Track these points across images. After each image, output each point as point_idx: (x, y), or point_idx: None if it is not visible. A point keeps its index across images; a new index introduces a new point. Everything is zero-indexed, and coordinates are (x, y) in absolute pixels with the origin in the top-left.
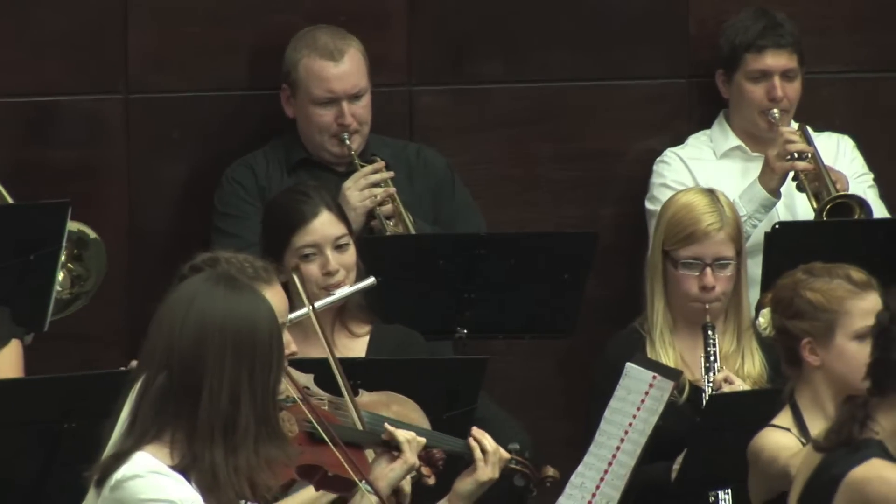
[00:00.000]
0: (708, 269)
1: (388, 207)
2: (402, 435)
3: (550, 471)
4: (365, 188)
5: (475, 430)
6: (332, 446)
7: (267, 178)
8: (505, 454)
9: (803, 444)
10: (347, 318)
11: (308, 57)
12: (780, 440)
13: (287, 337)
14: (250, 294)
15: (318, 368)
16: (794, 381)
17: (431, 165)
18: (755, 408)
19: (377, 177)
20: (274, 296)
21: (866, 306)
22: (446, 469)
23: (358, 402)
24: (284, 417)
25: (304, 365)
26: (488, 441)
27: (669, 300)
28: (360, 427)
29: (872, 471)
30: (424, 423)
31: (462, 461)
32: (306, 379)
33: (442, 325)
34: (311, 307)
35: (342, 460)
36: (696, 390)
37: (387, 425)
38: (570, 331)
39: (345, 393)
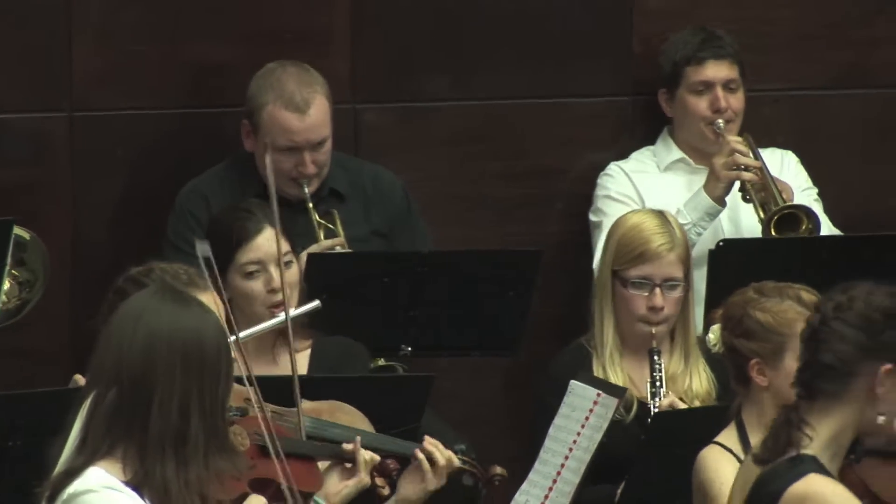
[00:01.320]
0: (657, 290)
1: None
2: (363, 454)
3: (498, 469)
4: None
5: (427, 440)
6: (275, 460)
7: (220, 208)
8: (455, 460)
9: None
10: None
11: (273, 104)
12: (721, 464)
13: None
14: (197, 308)
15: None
16: (741, 398)
17: (388, 197)
18: (701, 425)
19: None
20: (207, 301)
21: None
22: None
23: (302, 408)
24: (236, 431)
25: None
26: (439, 453)
27: (618, 320)
28: (302, 435)
29: (810, 487)
30: (370, 429)
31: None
32: (247, 390)
33: (387, 342)
34: (236, 336)
35: (290, 474)
36: (644, 408)
37: (346, 444)
38: (516, 348)
39: (296, 402)
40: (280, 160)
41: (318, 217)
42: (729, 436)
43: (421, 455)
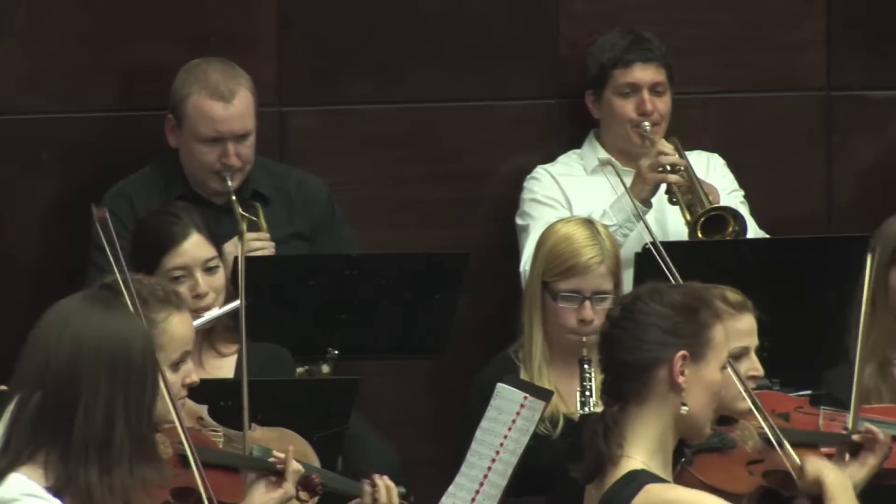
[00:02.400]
0: (587, 303)
1: None
2: (292, 465)
3: None
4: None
5: (375, 477)
6: (194, 468)
7: (145, 209)
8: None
9: None
10: (215, 339)
11: (198, 94)
12: None
13: (189, 366)
14: (126, 315)
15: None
16: None
17: (312, 201)
18: None
19: (259, 247)
20: (182, 321)
21: (741, 327)
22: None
23: (251, 436)
24: (159, 439)
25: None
26: (383, 491)
27: (547, 331)
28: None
29: (650, 497)
30: (315, 462)
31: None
32: (200, 409)
33: (313, 345)
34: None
35: (208, 483)
36: (571, 424)
37: (277, 452)
38: (441, 351)
39: (244, 418)
40: (204, 151)
41: (241, 210)
42: None
43: (367, 488)
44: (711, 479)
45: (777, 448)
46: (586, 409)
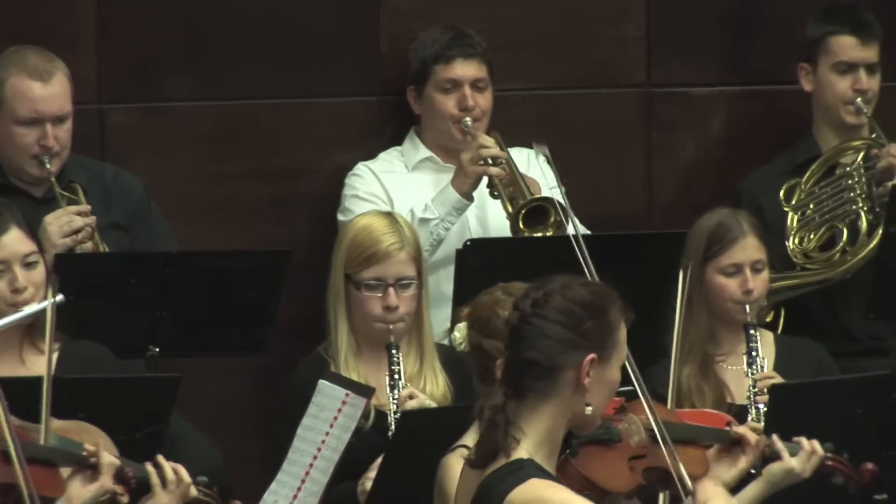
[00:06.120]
0: (391, 290)
1: (88, 245)
2: (105, 458)
3: None
4: (66, 225)
5: (159, 458)
6: (16, 465)
7: None
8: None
9: None
10: (35, 336)
11: (16, 76)
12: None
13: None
14: None
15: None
16: (484, 398)
17: (128, 191)
18: (445, 424)
19: (80, 221)
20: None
21: None
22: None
23: (49, 423)
24: None
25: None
26: (168, 470)
27: (352, 323)
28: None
29: (531, 492)
30: (113, 452)
31: None
32: None
33: (134, 343)
34: None
35: (31, 480)
36: (382, 415)
37: (88, 445)
38: (264, 348)
39: (43, 412)
40: (23, 134)
41: (60, 189)
42: (473, 437)
43: (152, 468)
44: (592, 473)
45: (661, 446)
46: (396, 392)
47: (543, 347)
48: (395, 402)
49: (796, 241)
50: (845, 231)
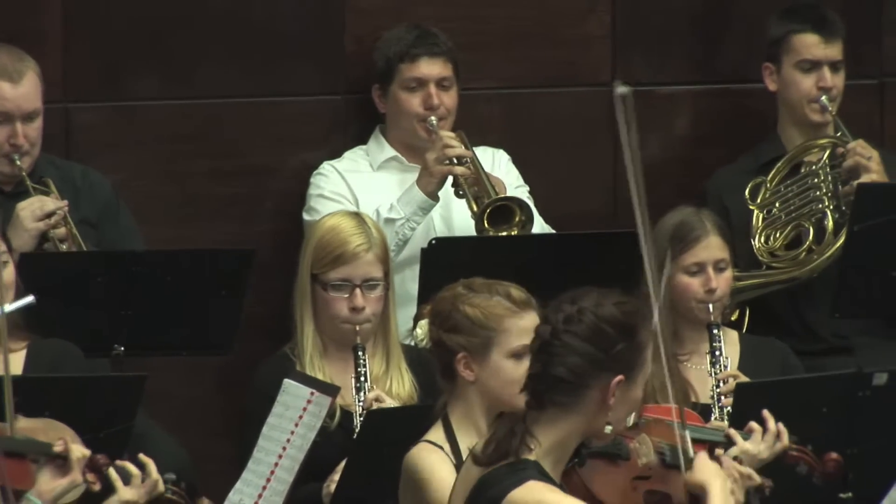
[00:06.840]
0: (357, 291)
1: (61, 230)
2: (76, 452)
3: (206, 502)
4: (38, 209)
5: (140, 456)
6: None
7: None
8: (154, 476)
9: (454, 463)
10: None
11: None
12: (436, 464)
13: None
14: None
15: None
16: (447, 395)
17: (97, 189)
18: (409, 423)
19: (52, 204)
20: None
21: (524, 325)
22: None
23: (16, 426)
24: None
25: None
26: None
27: (319, 324)
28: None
29: (529, 494)
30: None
31: None
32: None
33: (99, 342)
34: None
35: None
36: (347, 415)
37: (57, 445)
38: (229, 347)
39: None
40: None
41: (32, 184)
42: (436, 433)
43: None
44: (594, 486)
45: (667, 469)
46: (362, 394)
47: (572, 365)
48: (361, 403)
49: (762, 239)
50: (811, 230)
